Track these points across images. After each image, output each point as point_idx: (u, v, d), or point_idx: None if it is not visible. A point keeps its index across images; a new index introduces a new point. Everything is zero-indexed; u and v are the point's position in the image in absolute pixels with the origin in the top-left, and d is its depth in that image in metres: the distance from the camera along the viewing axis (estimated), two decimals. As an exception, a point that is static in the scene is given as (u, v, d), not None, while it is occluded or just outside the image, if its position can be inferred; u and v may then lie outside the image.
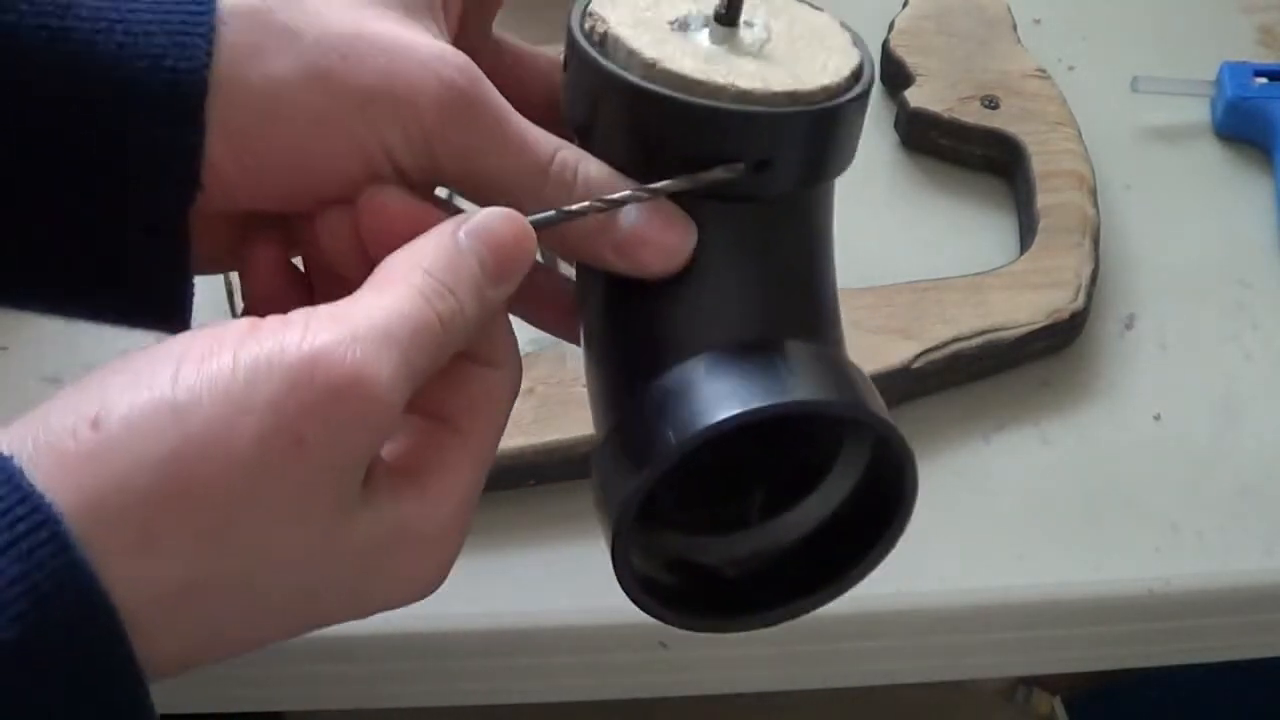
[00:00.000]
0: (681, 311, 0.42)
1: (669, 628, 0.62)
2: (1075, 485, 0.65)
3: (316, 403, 0.34)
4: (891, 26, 0.77)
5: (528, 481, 0.63)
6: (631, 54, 0.41)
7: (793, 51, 0.43)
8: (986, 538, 0.63)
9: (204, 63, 0.38)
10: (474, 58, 0.41)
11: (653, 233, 0.41)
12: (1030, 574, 0.62)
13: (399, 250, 0.38)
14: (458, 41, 0.42)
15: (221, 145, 0.39)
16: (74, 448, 0.34)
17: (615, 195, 0.40)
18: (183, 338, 0.36)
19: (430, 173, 0.41)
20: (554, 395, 0.63)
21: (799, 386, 0.41)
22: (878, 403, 0.43)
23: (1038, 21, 0.80)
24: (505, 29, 0.48)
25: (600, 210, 0.40)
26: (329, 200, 0.40)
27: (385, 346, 0.35)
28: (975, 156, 0.74)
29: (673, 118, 0.40)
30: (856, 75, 0.43)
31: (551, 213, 0.40)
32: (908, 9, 0.77)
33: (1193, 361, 0.68)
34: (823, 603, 0.45)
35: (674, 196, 0.41)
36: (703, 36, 0.42)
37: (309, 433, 0.34)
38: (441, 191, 0.43)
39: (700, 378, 0.40)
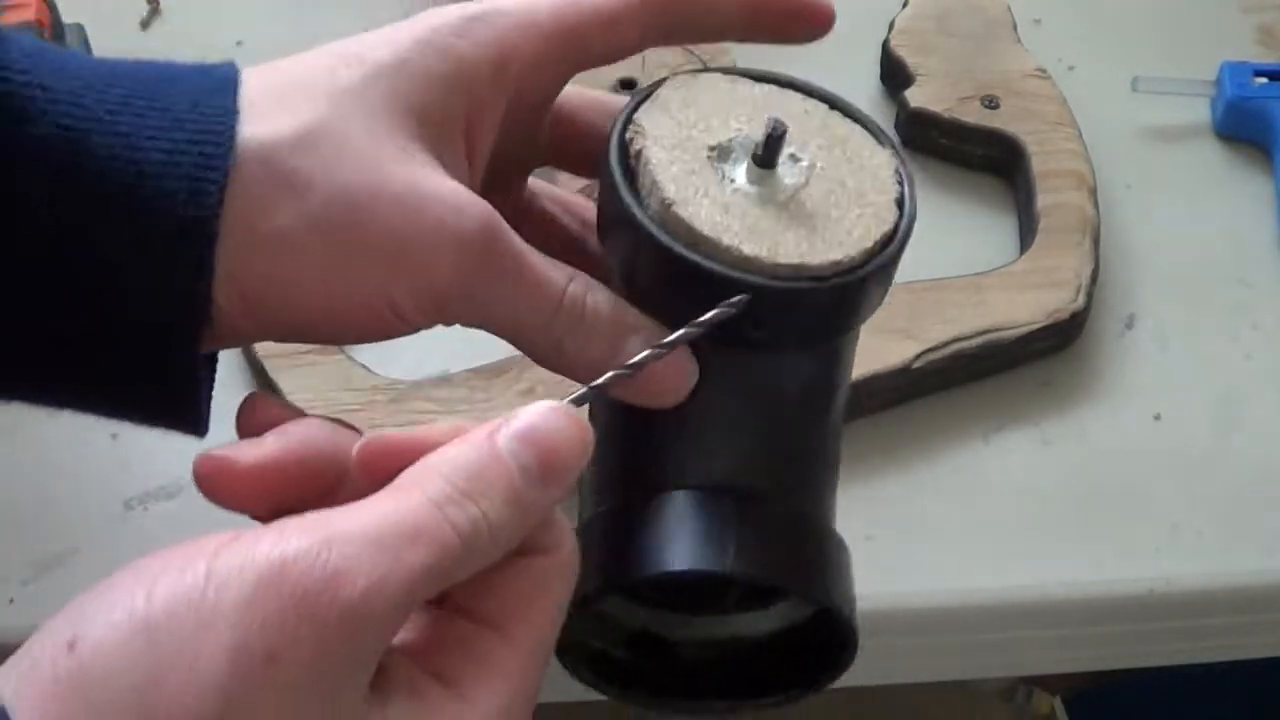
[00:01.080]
0: (670, 445, 0.42)
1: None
2: (1075, 485, 0.65)
3: (283, 612, 0.32)
4: (891, 26, 0.77)
5: (528, 481, 0.63)
6: (655, 185, 0.41)
7: (825, 205, 0.42)
8: (986, 538, 0.63)
9: (214, 211, 0.37)
10: (503, 196, 0.40)
11: (658, 372, 0.40)
12: (1030, 574, 0.62)
13: (426, 456, 0.36)
14: (490, 180, 0.41)
15: (228, 289, 0.38)
16: (51, 675, 0.32)
17: (635, 359, 0.40)
18: (163, 553, 0.34)
19: (437, 320, 0.40)
20: (554, 395, 0.63)
21: (739, 560, 0.40)
22: (830, 577, 0.43)
23: (1038, 21, 0.80)
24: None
25: (624, 376, 0.39)
26: (339, 339, 0.41)
27: (370, 551, 0.33)
28: (975, 156, 0.74)
29: (674, 269, 0.40)
30: (885, 241, 0.42)
31: (583, 390, 0.39)
32: (908, 9, 0.77)
33: (1193, 361, 0.68)
34: (764, 707, 0.45)
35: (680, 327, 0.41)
36: (739, 172, 0.42)
37: (280, 648, 0.32)
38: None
39: (666, 520, 0.41)
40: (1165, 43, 0.80)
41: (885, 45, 0.77)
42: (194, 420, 0.40)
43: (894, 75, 0.76)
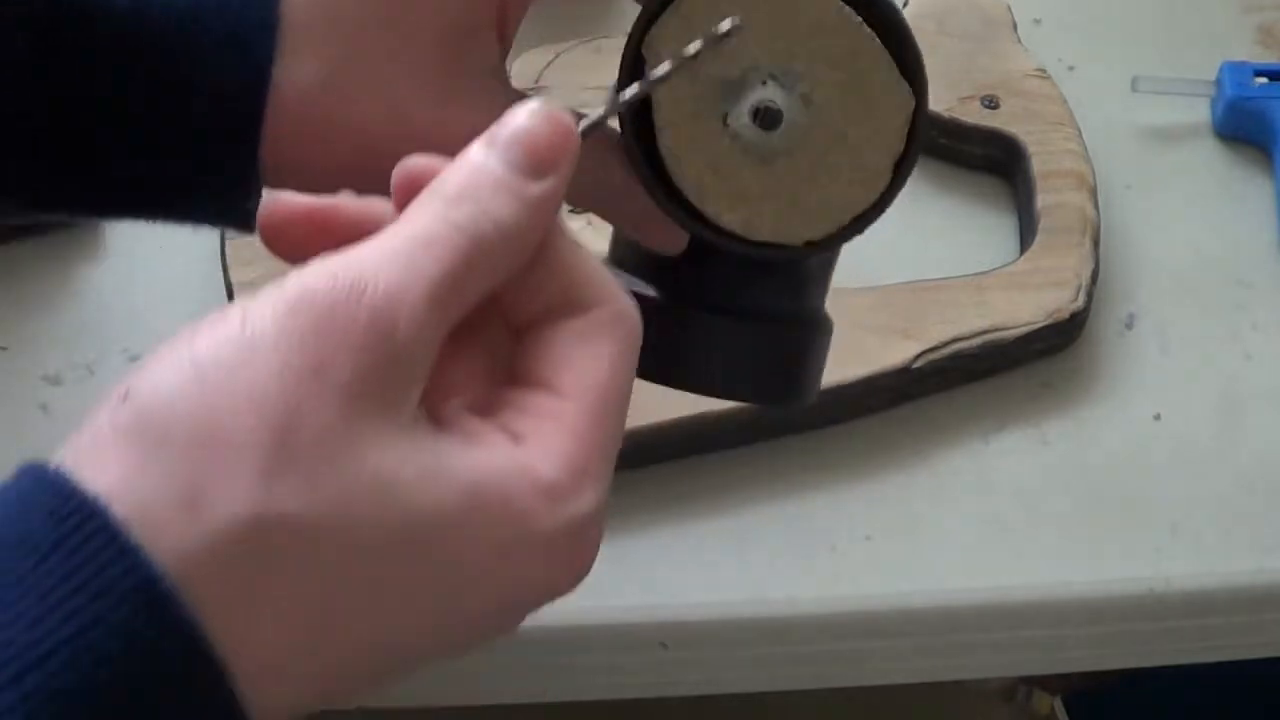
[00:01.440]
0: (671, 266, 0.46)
1: (669, 628, 0.62)
2: (1075, 485, 0.65)
3: (317, 326, 0.33)
4: (891, 26, 0.77)
5: (528, 481, 0.63)
6: (655, 128, 0.42)
7: (818, 167, 0.43)
8: (986, 538, 0.63)
9: (255, 143, 0.41)
10: None
11: (654, 235, 0.45)
12: (1030, 574, 0.62)
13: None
14: None
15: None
16: (109, 429, 0.33)
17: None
18: (193, 324, 0.35)
19: None
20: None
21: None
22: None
23: (1038, 21, 0.80)
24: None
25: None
26: None
27: (384, 262, 0.34)
28: (975, 156, 0.74)
29: (662, 205, 0.43)
30: (862, 216, 0.44)
31: (592, 117, 0.39)
32: (908, 9, 0.77)
33: (1193, 361, 0.68)
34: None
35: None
36: (743, 111, 0.43)
37: (323, 356, 0.33)
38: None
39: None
40: (1165, 43, 0.80)
41: (885, 45, 0.77)
42: (246, 217, 0.43)
43: (894, 75, 0.76)
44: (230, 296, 0.66)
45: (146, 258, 0.71)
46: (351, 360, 0.33)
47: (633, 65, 0.43)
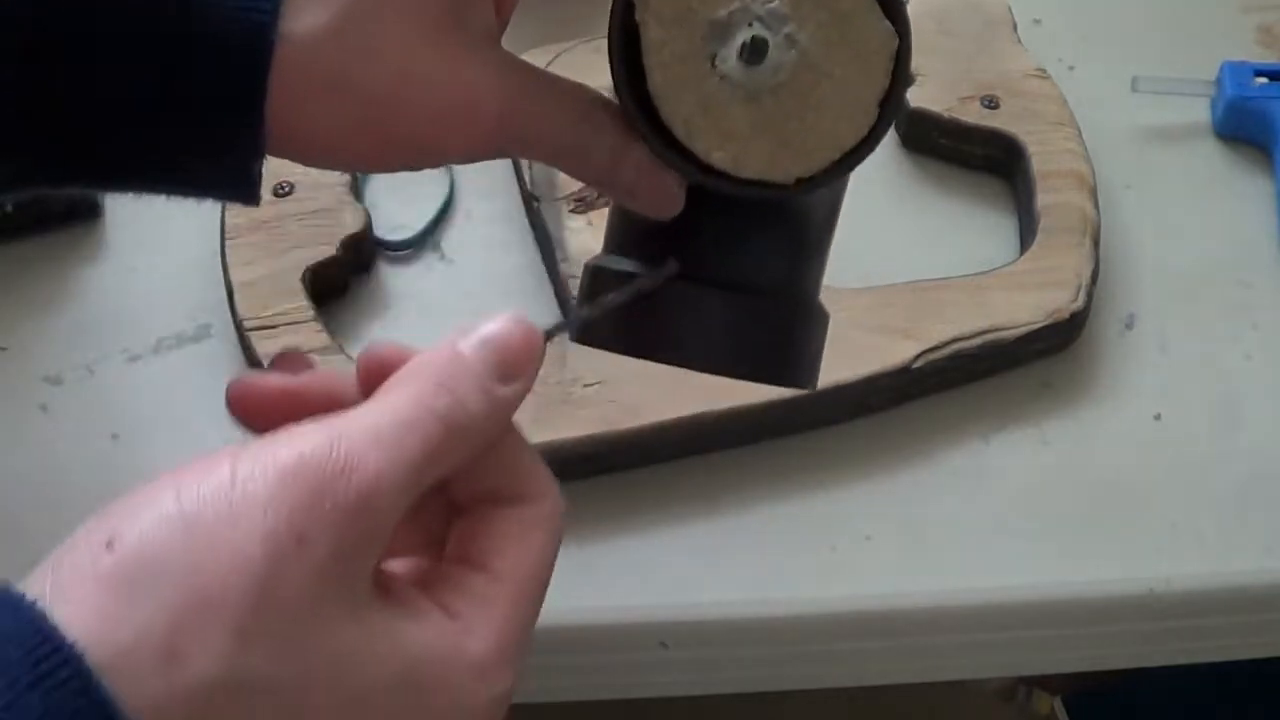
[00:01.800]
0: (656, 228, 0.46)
1: (669, 628, 0.62)
2: (1075, 485, 0.65)
3: (309, 499, 0.35)
4: (891, 26, 0.77)
5: (528, 481, 0.63)
6: (645, 70, 0.43)
7: (805, 104, 0.44)
8: (986, 538, 0.63)
9: (261, 97, 0.42)
10: None
11: (646, 190, 0.45)
12: (1030, 574, 0.62)
13: (406, 364, 0.40)
14: None
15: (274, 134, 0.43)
16: (92, 574, 0.34)
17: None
18: (178, 468, 0.37)
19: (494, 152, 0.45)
20: (553, 395, 0.63)
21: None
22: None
23: (1038, 21, 0.80)
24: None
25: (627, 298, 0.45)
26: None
27: (374, 444, 0.36)
28: (975, 156, 0.74)
29: (653, 148, 0.44)
30: (851, 153, 0.45)
31: (560, 320, 0.44)
32: (907, 9, 0.77)
33: (1193, 361, 0.68)
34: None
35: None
36: (731, 51, 0.43)
37: (308, 530, 0.35)
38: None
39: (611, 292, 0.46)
40: (1165, 43, 0.80)
41: (885, 45, 0.77)
42: (250, 184, 0.45)
43: (894, 75, 0.76)
44: (230, 296, 0.66)
45: (146, 258, 0.71)
46: (334, 536, 0.35)
47: (623, 13, 0.43)
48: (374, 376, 0.40)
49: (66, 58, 0.42)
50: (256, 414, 0.41)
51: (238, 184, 0.45)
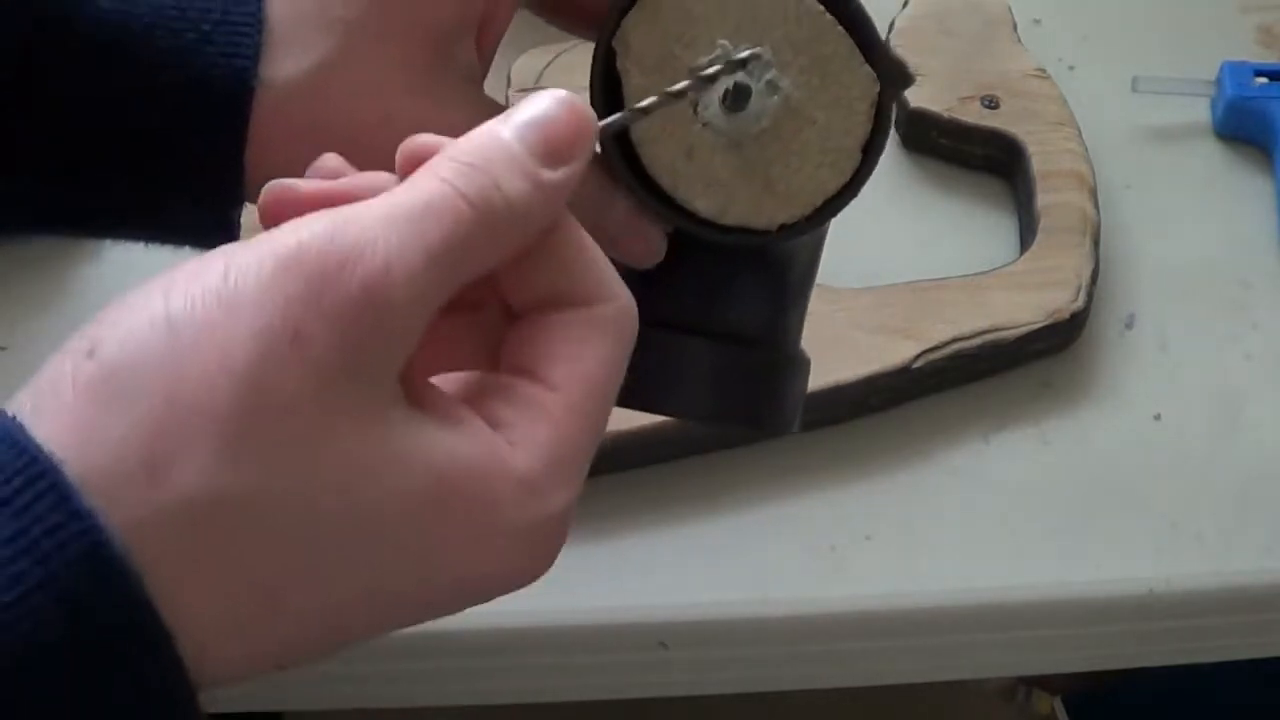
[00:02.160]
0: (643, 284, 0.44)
1: (669, 628, 0.62)
2: (1075, 485, 0.65)
3: (307, 291, 0.31)
4: (891, 26, 0.77)
5: (528, 481, 0.63)
6: (632, 108, 0.42)
7: (788, 150, 0.44)
8: (986, 538, 0.63)
9: (241, 142, 0.40)
10: None
11: (627, 242, 0.44)
12: (1030, 574, 0.62)
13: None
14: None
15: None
16: (71, 385, 0.31)
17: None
18: (172, 269, 0.34)
19: None
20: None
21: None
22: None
23: (1038, 21, 0.80)
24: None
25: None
26: None
27: (385, 228, 0.32)
28: (975, 156, 0.74)
29: (634, 199, 0.44)
30: (835, 199, 0.44)
31: (622, 114, 0.41)
32: (908, 9, 0.77)
33: (1193, 361, 0.68)
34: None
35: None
36: (713, 98, 0.43)
37: (305, 326, 0.31)
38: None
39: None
40: (1165, 43, 0.80)
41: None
42: (230, 229, 0.43)
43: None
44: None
45: (146, 258, 0.71)
46: (335, 332, 0.31)
47: (605, 60, 0.43)
48: (409, 163, 0.36)
49: (46, 102, 0.41)
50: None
51: (218, 231, 0.43)
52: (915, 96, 0.74)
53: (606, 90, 0.43)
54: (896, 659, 0.65)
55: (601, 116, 0.42)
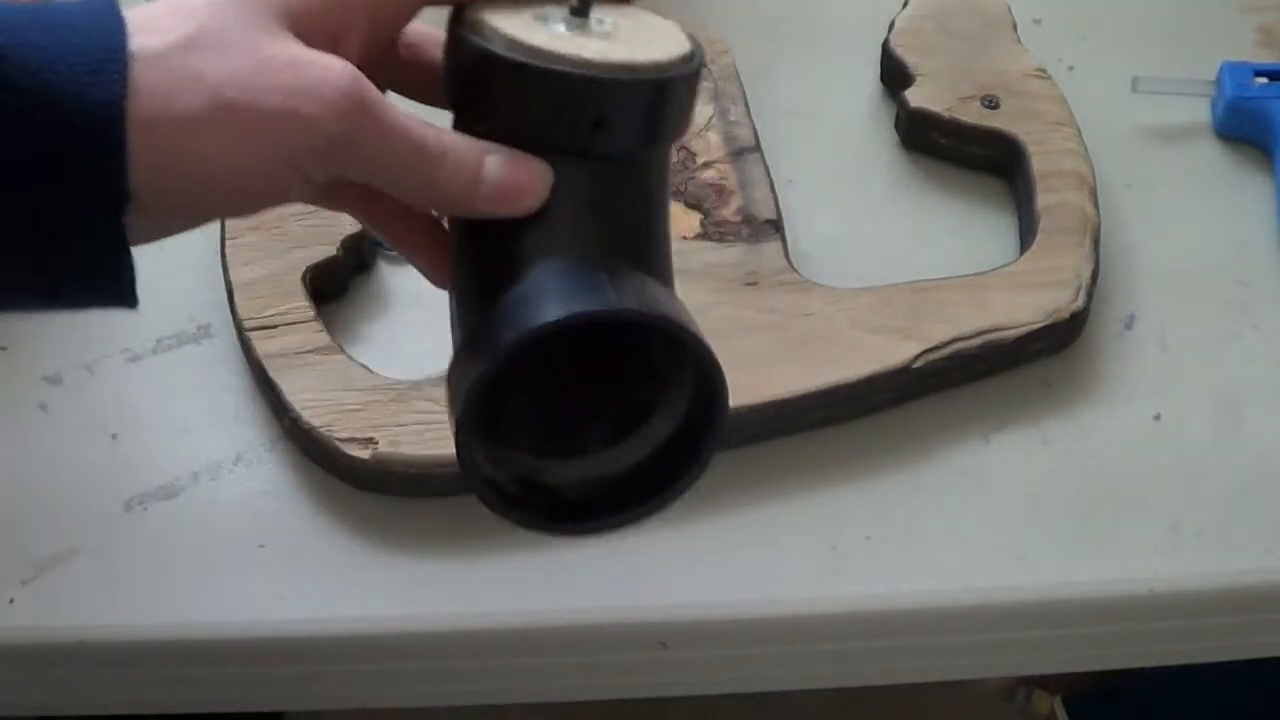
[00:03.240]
0: (528, 241, 0.48)
1: (669, 628, 0.62)
2: (1075, 485, 0.65)
3: None
4: (891, 26, 0.77)
5: (528, 481, 0.63)
6: (495, 31, 0.47)
7: (634, 39, 0.48)
8: (986, 538, 0.63)
9: (119, 94, 0.43)
10: (378, 65, 0.48)
11: (516, 178, 0.47)
12: (1030, 574, 0.62)
13: None
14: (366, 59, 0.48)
15: (143, 176, 0.43)
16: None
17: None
18: None
19: (332, 172, 0.46)
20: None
21: (622, 300, 0.46)
22: (695, 325, 0.48)
23: (1038, 21, 0.80)
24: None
25: None
26: (248, 210, 0.48)
27: None
28: (975, 156, 0.74)
29: (528, 82, 0.46)
30: (688, 58, 0.49)
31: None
32: (908, 9, 0.77)
33: (1193, 361, 0.68)
34: (646, 516, 0.50)
35: (531, 150, 0.47)
36: (560, 26, 0.48)
37: None
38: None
39: (537, 291, 0.46)
40: (1165, 43, 0.80)
41: (885, 45, 0.77)
42: (127, 296, 0.47)
43: (894, 75, 0.76)
44: (230, 296, 0.66)
45: (146, 258, 0.71)
46: None
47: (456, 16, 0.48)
48: None
49: None
50: None
51: (111, 282, 0.46)
52: (915, 96, 0.74)
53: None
54: (896, 659, 0.65)
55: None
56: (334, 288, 0.69)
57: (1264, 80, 0.75)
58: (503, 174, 0.47)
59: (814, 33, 0.81)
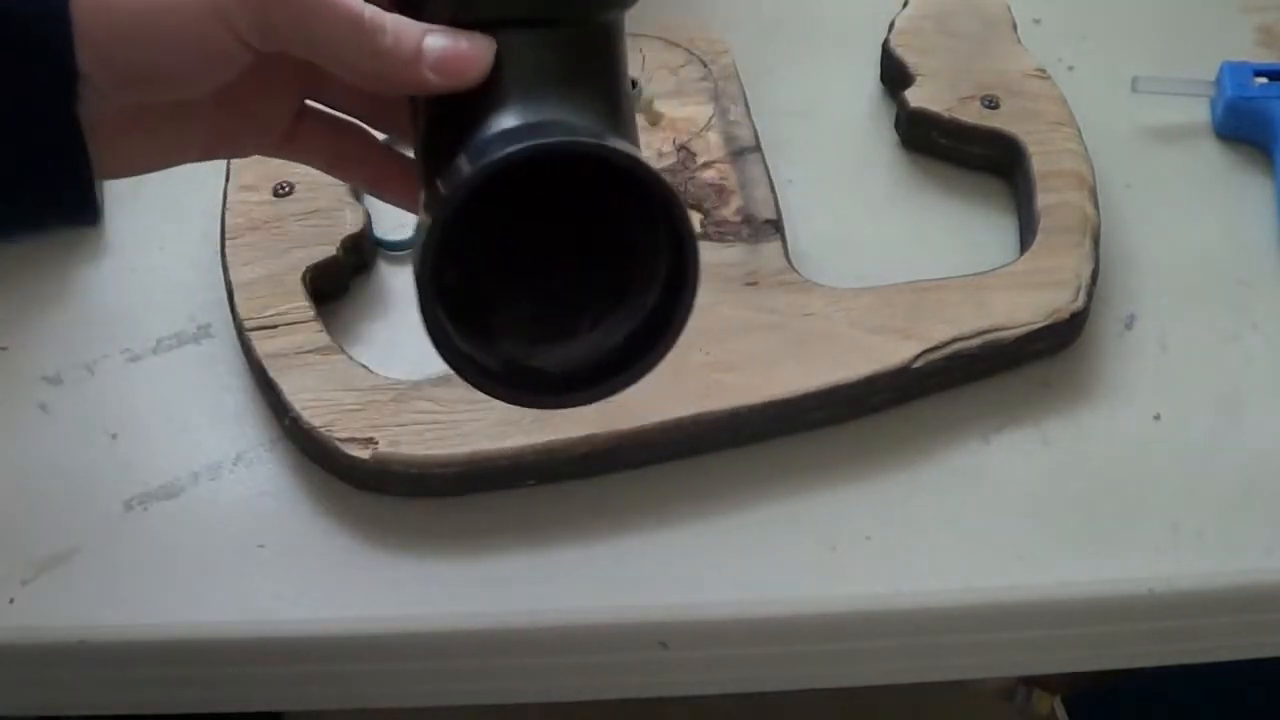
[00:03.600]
0: (484, 108, 0.48)
1: (669, 628, 0.62)
2: (1075, 485, 0.65)
3: None
4: (891, 26, 0.77)
5: (527, 481, 0.63)
6: None
7: None
8: (986, 538, 0.63)
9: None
10: None
11: (458, 47, 0.48)
12: (1030, 574, 0.62)
13: None
14: None
15: (91, 53, 0.47)
16: None
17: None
18: None
19: (270, 39, 0.48)
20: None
21: (578, 136, 0.46)
22: (645, 158, 0.47)
23: (1038, 21, 0.80)
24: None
25: None
26: (200, 81, 0.50)
27: None
28: (975, 156, 0.74)
29: None
30: None
31: None
32: (908, 9, 0.77)
33: (1193, 361, 0.68)
34: (629, 383, 0.50)
35: (482, 25, 0.49)
36: None
37: None
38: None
39: (493, 138, 0.47)
40: (1165, 43, 0.80)
41: (885, 45, 0.77)
42: (87, 205, 0.50)
43: (894, 75, 0.76)
44: (230, 296, 0.66)
45: (146, 258, 0.71)
46: None
47: None
48: None
49: None
50: None
51: (75, 189, 0.49)
52: (915, 96, 0.74)
53: None
54: (896, 659, 0.65)
55: None
56: (334, 288, 0.69)
57: (1264, 80, 0.75)
58: (445, 44, 0.48)
59: (814, 33, 0.81)
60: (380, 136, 0.58)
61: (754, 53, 0.78)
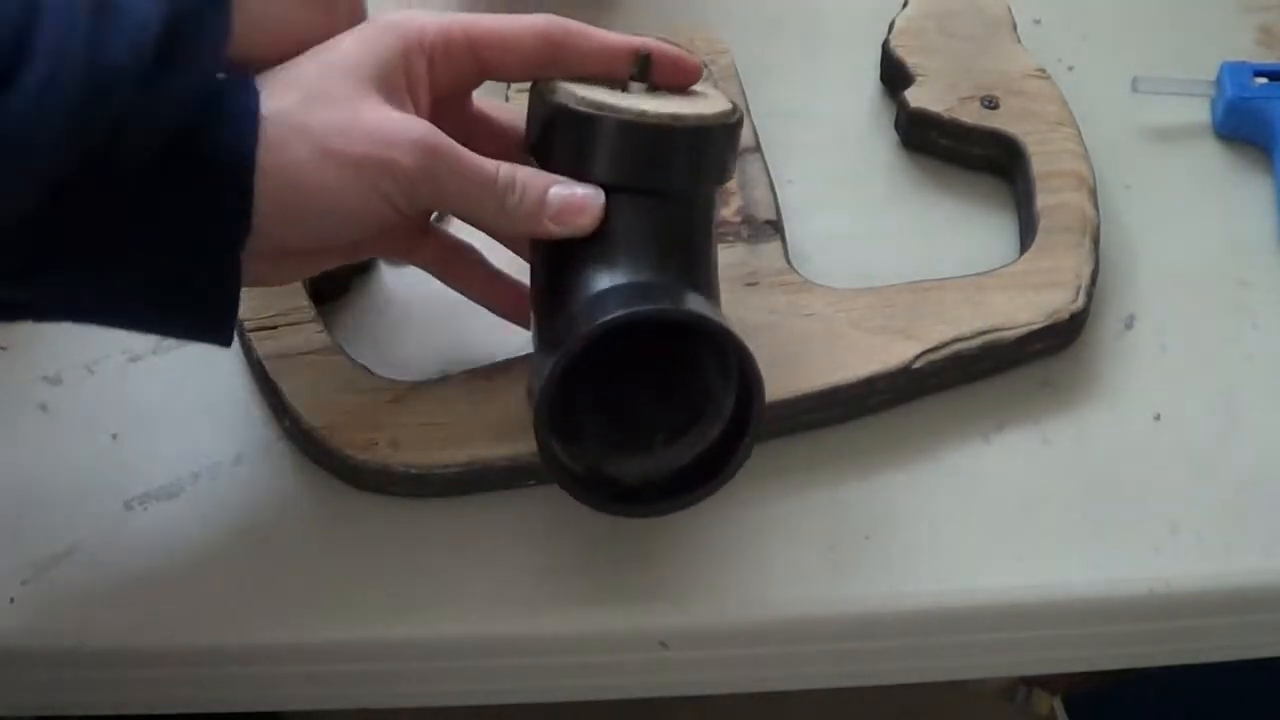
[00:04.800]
0: (594, 261, 0.57)
1: (668, 629, 0.62)
2: (1075, 485, 0.65)
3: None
4: (891, 26, 0.77)
5: (528, 481, 0.63)
6: (568, 91, 0.57)
7: (684, 102, 0.59)
8: (987, 538, 0.63)
9: (252, 147, 0.53)
10: (453, 124, 0.58)
11: (573, 199, 0.57)
12: (1030, 574, 0.62)
13: None
14: (440, 117, 0.58)
15: (267, 205, 0.53)
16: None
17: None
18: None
19: (418, 204, 0.56)
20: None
21: (676, 305, 0.56)
22: (737, 330, 0.56)
23: (1038, 21, 0.80)
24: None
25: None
26: (353, 238, 0.57)
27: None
28: (975, 156, 0.74)
29: (587, 126, 0.57)
30: (728, 114, 0.59)
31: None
32: (908, 9, 0.77)
33: (1193, 361, 0.68)
34: (699, 500, 0.59)
35: (597, 183, 0.58)
36: (622, 91, 0.59)
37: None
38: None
39: (602, 297, 0.56)
40: (1165, 43, 0.80)
41: (885, 45, 0.77)
42: (224, 330, 0.56)
43: (894, 75, 0.76)
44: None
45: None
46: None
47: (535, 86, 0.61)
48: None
49: (88, 198, 0.51)
50: None
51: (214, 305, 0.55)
52: (915, 96, 0.74)
53: None
54: (896, 659, 0.65)
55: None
56: (334, 288, 0.69)
57: (1264, 80, 0.75)
58: (564, 195, 0.57)
59: (814, 33, 0.81)
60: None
61: (754, 53, 0.78)
